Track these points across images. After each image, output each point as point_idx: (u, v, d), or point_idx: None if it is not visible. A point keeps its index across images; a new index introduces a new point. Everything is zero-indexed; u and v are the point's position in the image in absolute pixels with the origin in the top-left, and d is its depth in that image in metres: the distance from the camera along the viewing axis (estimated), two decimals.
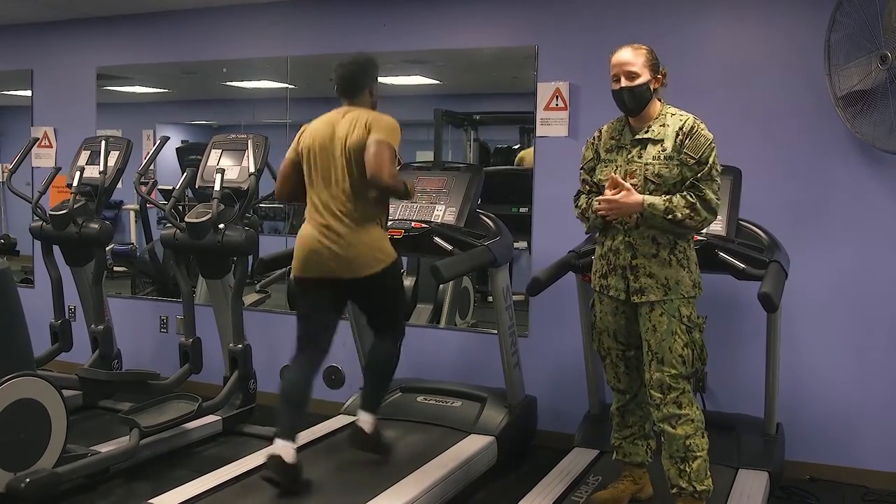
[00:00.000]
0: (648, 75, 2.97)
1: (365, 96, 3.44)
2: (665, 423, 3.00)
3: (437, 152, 5.40)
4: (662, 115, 3.02)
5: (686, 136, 2.95)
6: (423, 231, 3.90)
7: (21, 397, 3.27)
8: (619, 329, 3.14)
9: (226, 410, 4.52)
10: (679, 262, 2.99)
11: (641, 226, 2.97)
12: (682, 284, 2.98)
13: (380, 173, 3.18)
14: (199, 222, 4.23)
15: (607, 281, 3.11)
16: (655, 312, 2.99)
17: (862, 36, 3.74)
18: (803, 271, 3.88)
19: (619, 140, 3.08)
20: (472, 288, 5.32)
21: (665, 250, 2.98)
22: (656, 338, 2.99)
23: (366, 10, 4.91)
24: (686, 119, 3.00)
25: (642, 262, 2.99)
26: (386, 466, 3.59)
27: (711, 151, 2.94)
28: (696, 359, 3.01)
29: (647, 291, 2.99)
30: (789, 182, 4.09)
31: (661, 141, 2.98)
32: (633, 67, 2.95)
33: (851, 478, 4.00)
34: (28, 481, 3.22)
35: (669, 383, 2.98)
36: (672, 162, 2.95)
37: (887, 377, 3.97)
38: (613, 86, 3.01)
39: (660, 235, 2.97)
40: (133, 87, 6.12)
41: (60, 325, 4.91)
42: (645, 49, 3.00)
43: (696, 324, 3.02)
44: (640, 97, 2.98)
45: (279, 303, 5.41)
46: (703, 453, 3.01)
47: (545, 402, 4.42)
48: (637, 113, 3.02)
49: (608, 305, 3.14)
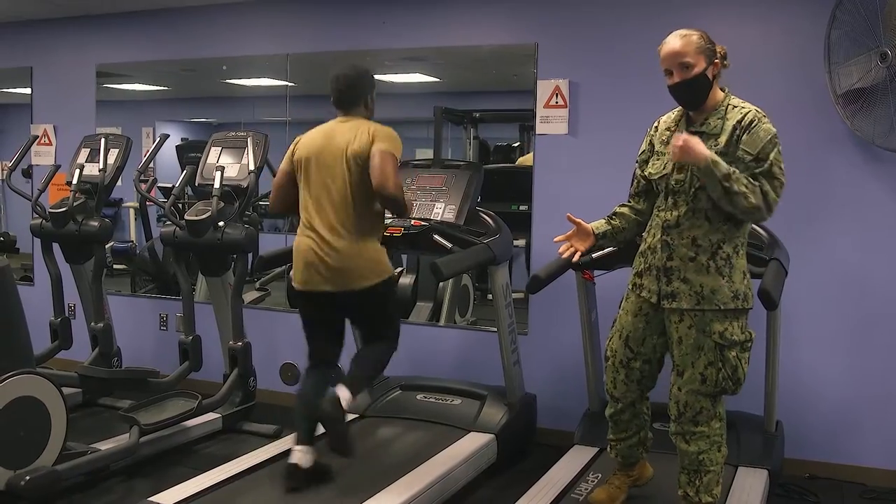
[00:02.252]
0: (704, 63, 2.72)
1: (360, 108, 3.41)
2: (678, 437, 2.89)
3: (436, 150, 5.39)
4: (723, 108, 2.78)
5: (744, 129, 2.71)
6: (422, 229, 3.90)
7: (21, 395, 3.27)
8: (635, 333, 2.96)
9: (225, 408, 4.53)
10: (718, 270, 2.75)
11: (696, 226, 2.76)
12: (718, 294, 2.75)
13: (386, 182, 3.16)
14: (199, 220, 4.23)
15: (641, 280, 2.92)
16: (684, 323, 2.79)
17: (862, 33, 3.74)
18: (803, 269, 3.88)
19: (674, 132, 2.84)
20: (471, 285, 5.32)
21: (704, 255, 2.76)
22: (680, 350, 2.82)
23: (366, 7, 4.90)
24: (747, 112, 2.75)
25: (678, 265, 2.79)
26: (386, 464, 3.59)
27: (773, 147, 2.71)
28: (724, 378, 2.78)
29: (679, 298, 2.78)
30: (789, 179, 4.01)
31: (716, 135, 2.75)
32: (685, 58, 2.71)
33: (851, 475, 4.00)
34: (28, 479, 3.21)
35: (686, 400, 2.82)
36: (725, 159, 2.68)
37: (887, 375, 3.97)
38: (668, 81, 2.77)
39: (700, 237, 2.76)
40: (133, 84, 6.11)
41: (60, 322, 4.91)
42: (695, 34, 2.74)
43: (735, 341, 2.78)
44: (700, 88, 2.74)
45: (279, 300, 5.41)
46: (716, 467, 2.88)
47: (545, 399, 4.42)
48: (698, 106, 2.79)
49: (633, 304, 2.96)
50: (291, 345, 3.57)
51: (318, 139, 3.36)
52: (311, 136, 3.40)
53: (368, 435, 3.98)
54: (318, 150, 3.33)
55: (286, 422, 4.43)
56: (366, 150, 3.24)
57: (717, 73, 2.79)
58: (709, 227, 2.77)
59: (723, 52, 2.82)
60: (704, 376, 2.79)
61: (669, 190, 2.82)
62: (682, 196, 2.79)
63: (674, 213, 2.80)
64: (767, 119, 2.76)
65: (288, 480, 3.27)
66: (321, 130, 3.40)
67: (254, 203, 4.53)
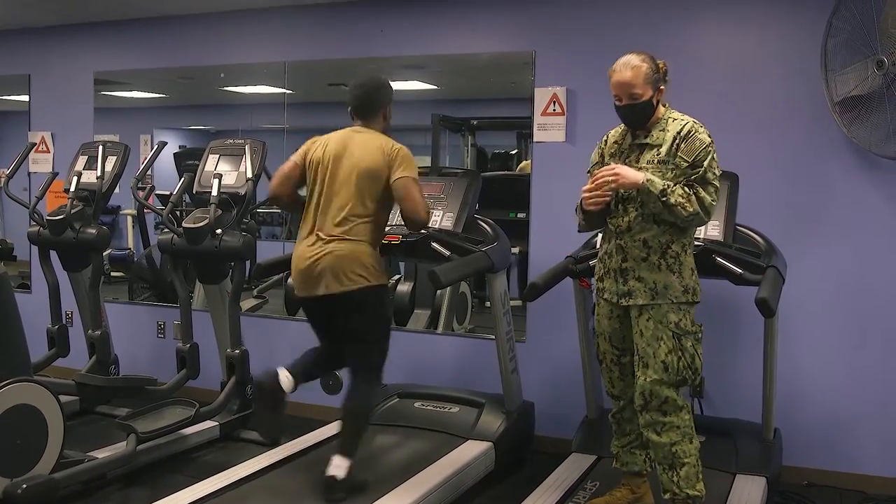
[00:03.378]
0: (650, 91, 2.94)
1: (378, 119, 3.45)
2: (648, 429, 3.00)
3: (434, 157, 5.40)
4: (664, 121, 3.01)
5: (682, 139, 2.94)
6: (420, 236, 3.90)
7: (18, 403, 3.26)
8: (614, 333, 3.15)
9: (223, 416, 4.52)
10: (669, 267, 2.97)
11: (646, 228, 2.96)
12: (670, 289, 2.96)
13: (417, 210, 3.29)
14: (197, 227, 4.23)
15: (603, 284, 3.13)
16: (643, 317, 2.99)
17: (859, 41, 3.75)
18: (800, 276, 3.88)
19: (621, 144, 3.10)
20: (469, 293, 5.32)
21: (655, 254, 2.97)
22: (643, 342, 2.99)
23: (364, 15, 4.91)
24: (685, 123, 2.98)
25: (632, 266, 3.00)
26: (383, 472, 3.59)
27: (707, 155, 2.91)
28: (684, 367, 2.96)
29: (635, 295, 2.99)
30: (786, 187, 4.10)
31: (658, 146, 2.98)
32: (634, 89, 2.92)
33: (849, 483, 4.00)
34: (25, 487, 3.21)
35: (651, 388, 2.96)
36: (665, 167, 2.94)
37: (885, 382, 3.97)
38: (616, 102, 3.00)
39: (651, 239, 2.96)
40: (130, 91, 6.11)
41: (57, 330, 4.89)
42: (644, 65, 2.93)
43: (689, 331, 2.99)
44: (643, 113, 2.98)
45: (277, 308, 5.41)
46: (691, 459, 2.98)
47: (543, 407, 4.42)
48: (642, 126, 3.03)
49: (604, 308, 3.16)
50: (289, 352, 3.56)
51: (335, 148, 3.40)
52: (329, 143, 3.43)
53: (366, 443, 3.97)
54: (333, 157, 3.38)
55: (283, 430, 4.43)
56: (380, 168, 3.31)
57: (660, 99, 3.00)
58: (657, 229, 2.97)
59: (664, 69, 3.00)
60: (666, 364, 2.95)
61: (620, 198, 3.02)
62: (632, 203, 2.99)
63: (625, 219, 3.01)
64: (704, 130, 2.97)
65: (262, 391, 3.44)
66: (338, 138, 3.43)
67: (251, 210, 4.53)
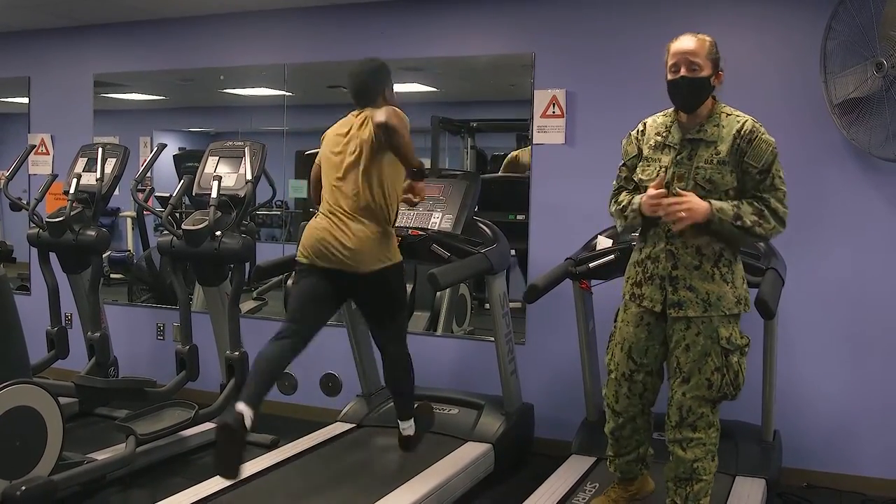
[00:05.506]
0: (710, 69, 2.75)
1: (379, 102, 3.44)
2: (675, 445, 2.88)
3: (434, 159, 5.39)
4: (717, 115, 2.80)
5: (746, 141, 2.73)
6: (420, 238, 3.91)
7: (17, 405, 3.26)
8: (637, 344, 2.93)
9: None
10: (723, 277, 2.79)
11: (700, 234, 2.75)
12: (724, 300, 2.78)
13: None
14: (196, 229, 4.22)
15: (641, 290, 2.90)
16: (691, 331, 2.80)
17: (857, 43, 3.76)
18: (800, 278, 3.88)
19: (667, 138, 2.84)
20: (469, 295, 5.32)
21: (709, 263, 2.78)
22: (687, 357, 2.81)
23: (363, 17, 4.91)
24: (744, 121, 2.77)
25: (683, 274, 2.79)
26: (383, 473, 3.59)
27: (774, 158, 2.74)
28: (727, 384, 2.80)
29: (686, 306, 2.79)
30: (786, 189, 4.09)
31: (714, 143, 2.76)
32: (696, 58, 2.73)
33: (849, 485, 4.00)
34: (24, 489, 3.20)
35: (690, 405, 2.83)
36: (726, 168, 2.74)
37: (884, 384, 3.97)
38: (671, 76, 2.76)
39: (704, 246, 2.78)
40: (130, 94, 6.11)
41: (57, 332, 4.89)
42: (709, 40, 2.77)
43: (737, 346, 2.82)
44: (701, 91, 2.76)
45: (276, 310, 5.40)
46: (708, 477, 2.89)
47: (542, 409, 4.42)
48: (694, 109, 2.79)
49: (633, 316, 2.93)
50: None
51: (338, 130, 3.47)
52: (333, 128, 3.51)
53: (365, 444, 3.98)
54: (335, 140, 3.44)
55: (283, 432, 4.43)
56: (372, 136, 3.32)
57: (717, 86, 2.81)
58: (711, 236, 2.78)
59: (723, 67, 2.83)
60: (711, 382, 2.81)
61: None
62: None
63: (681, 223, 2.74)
64: (764, 129, 2.79)
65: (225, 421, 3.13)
66: (341, 122, 3.50)
67: (251, 212, 4.53)
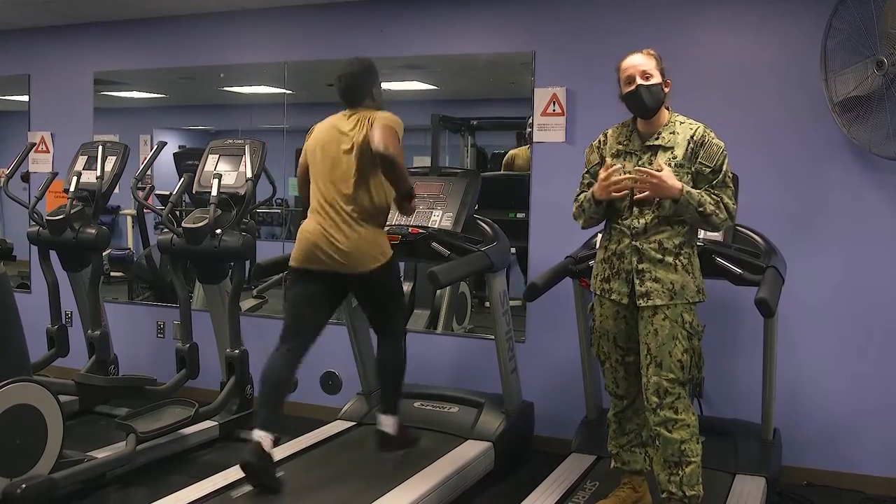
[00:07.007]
0: (660, 78, 3.02)
1: (367, 101, 3.48)
2: (661, 427, 3.00)
3: (434, 158, 5.40)
4: (672, 123, 3.06)
5: (699, 145, 3.00)
6: (420, 236, 3.91)
7: (17, 403, 3.26)
8: (620, 334, 3.13)
9: (222, 416, 4.52)
10: (684, 268, 3.01)
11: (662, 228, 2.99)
12: (687, 290, 3.00)
13: (384, 143, 3.20)
14: (196, 227, 4.23)
15: (610, 285, 3.10)
16: (658, 317, 2.99)
17: (858, 41, 3.75)
18: (800, 277, 3.88)
19: (628, 146, 3.10)
20: (469, 293, 5.32)
21: (670, 256, 3.00)
22: (657, 342, 2.99)
23: (363, 15, 4.91)
24: (696, 128, 3.04)
25: (648, 267, 3.00)
26: (383, 471, 3.59)
27: (724, 159, 3.00)
28: (693, 366, 3.02)
29: (653, 296, 2.99)
30: (786, 188, 4.10)
31: (671, 148, 3.02)
32: (646, 68, 3.00)
33: (848, 483, 4.00)
34: (24, 487, 3.21)
35: (667, 387, 2.97)
36: (682, 170, 2.99)
37: (884, 382, 3.97)
38: (626, 88, 3.03)
39: (665, 240, 3.00)
40: (130, 92, 6.11)
41: (57, 330, 4.89)
42: (654, 54, 3.06)
43: (697, 331, 3.04)
44: (657, 96, 3.01)
45: (276, 308, 5.40)
46: (696, 459, 3.01)
47: (542, 407, 4.42)
48: (652, 114, 3.04)
49: (609, 309, 3.13)
50: None
51: (326, 129, 3.48)
52: (320, 127, 3.52)
53: (365, 443, 3.97)
54: (324, 139, 3.45)
55: (284, 430, 4.42)
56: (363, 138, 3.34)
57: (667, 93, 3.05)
58: (671, 231, 3.02)
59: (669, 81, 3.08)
60: (682, 363, 2.99)
61: (635, 200, 3.02)
62: (648, 205, 3.01)
63: (641, 221, 3.01)
64: (714, 133, 3.04)
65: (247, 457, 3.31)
66: (329, 121, 3.51)
67: (251, 210, 4.53)
